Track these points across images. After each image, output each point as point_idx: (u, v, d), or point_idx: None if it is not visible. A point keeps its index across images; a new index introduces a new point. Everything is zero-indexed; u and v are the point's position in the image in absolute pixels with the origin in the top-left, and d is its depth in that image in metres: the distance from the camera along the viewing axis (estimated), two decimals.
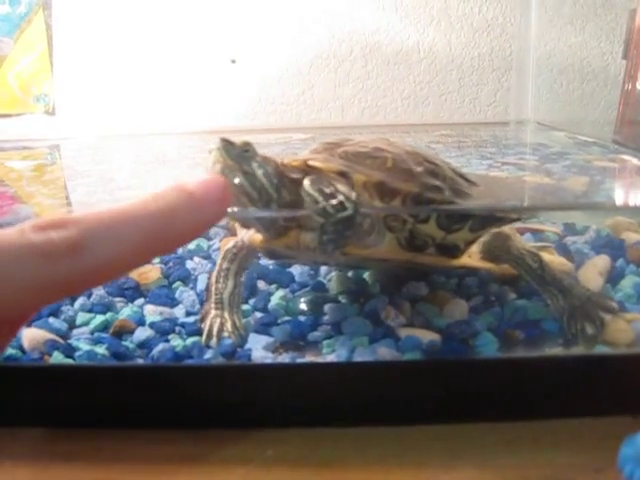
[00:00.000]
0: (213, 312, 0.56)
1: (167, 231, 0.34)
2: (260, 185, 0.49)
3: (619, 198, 0.60)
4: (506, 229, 0.58)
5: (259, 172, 0.49)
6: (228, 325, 0.55)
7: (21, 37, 1.11)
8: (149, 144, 1.01)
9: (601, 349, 0.53)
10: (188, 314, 0.59)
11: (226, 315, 0.56)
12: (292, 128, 1.07)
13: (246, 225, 0.56)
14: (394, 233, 0.53)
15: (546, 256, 0.62)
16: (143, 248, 0.33)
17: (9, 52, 1.12)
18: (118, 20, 1.08)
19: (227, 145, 0.48)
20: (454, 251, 0.56)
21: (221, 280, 0.57)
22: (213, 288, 0.57)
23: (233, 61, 1.09)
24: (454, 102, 1.09)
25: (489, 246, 0.59)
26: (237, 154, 0.48)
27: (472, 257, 0.59)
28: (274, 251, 0.55)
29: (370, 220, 0.51)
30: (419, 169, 0.53)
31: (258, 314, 0.58)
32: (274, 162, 0.51)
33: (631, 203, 0.59)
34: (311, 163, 0.51)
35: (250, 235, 0.56)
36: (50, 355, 0.52)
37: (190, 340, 0.54)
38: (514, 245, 0.59)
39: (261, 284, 0.63)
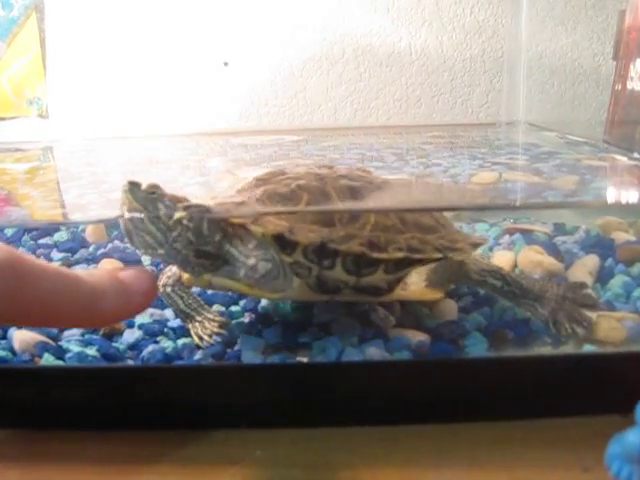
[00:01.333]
0: (190, 324, 0.57)
1: (94, 309, 0.36)
2: (165, 227, 0.50)
3: (607, 196, 0.60)
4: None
5: (164, 214, 0.50)
6: (207, 325, 0.55)
7: (14, 41, 1.11)
8: (142, 146, 1.01)
9: (589, 348, 0.53)
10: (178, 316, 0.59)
11: (199, 319, 0.56)
12: (285, 130, 1.07)
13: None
14: (302, 279, 0.53)
15: (534, 256, 0.63)
16: (70, 315, 0.36)
17: (2, 55, 1.12)
18: (111, 23, 1.08)
19: (133, 188, 0.49)
20: (377, 292, 0.55)
21: (170, 300, 0.58)
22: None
23: (225, 63, 1.09)
24: (446, 103, 1.09)
25: (443, 275, 0.59)
26: (143, 197, 0.49)
27: (412, 287, 0.58)
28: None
29: (272, 265, 0.52)
30: (339, 215, 0.53)
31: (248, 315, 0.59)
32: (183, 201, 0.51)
33: (615, 201, 0.59)
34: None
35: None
36: (40, 357, 0.52)
37: (180, 342, 0.54)
38: (472, 269, 0.59)
39: None
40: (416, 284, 0.58)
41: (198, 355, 0.52)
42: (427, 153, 0.81)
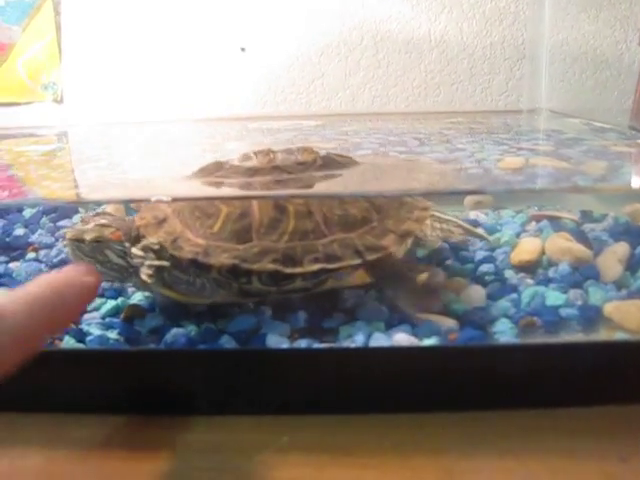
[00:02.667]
0: None
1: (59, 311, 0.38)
2: (119, 266, 0.54)
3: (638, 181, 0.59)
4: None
5: (114, 257, 0.53)
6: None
7: (30, 25, 1.10)
8: (158, 131, 1.00)
9: (623, 336, 0.52)
10: None
11: None
12: (302, 116, 1.06)
13: None
14: (225, 290, 0.54)
15: (563, 243, 0.62)
16: (44, 322, 0.37)
17: (17, 40, 1.11)
18: (127, 8, 1.07)
19: (77, 244, 0.52)
20: (304, 290, 0.55)
21: None
22: None
23: (243, 49, 1.08)
24: (465, 91, 1.08)
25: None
26: (89, 250, 0.52)
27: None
28: None
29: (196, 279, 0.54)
30: (257, 226, 0.53)
31: None
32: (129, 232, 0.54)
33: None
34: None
35: None
36: (61, 340, 0.52)
37: (203, 326, 0.53)
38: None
39: None
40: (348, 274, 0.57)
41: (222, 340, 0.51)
42: (449, 138, 0.80)
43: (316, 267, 0.53)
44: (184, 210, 0.54)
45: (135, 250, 0.53)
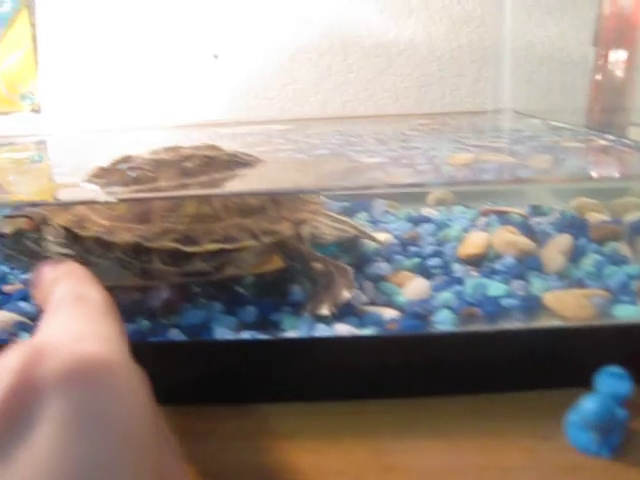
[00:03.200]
0: None
1: None
2: (37, 254, 0.55)
3: (579, 173, 0.61)
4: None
5: (32, 246, 0.55)
6: None
7: (5, 36, 1.12)
8: (131, 138, 1.02)
9: (555, 323, 0.54)
10: None
11: None
12: (275, 121, 1.08)
13: None
14: (128, 270, 0.56)
15: (508, 236, 0.64)
16: None
17: None
18: (101, 17, 1.09)
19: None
20: (205, 275, 0.57)
21: None
22: None
23: (215, 56, 1.10)
24: (435, 93, 1.10)
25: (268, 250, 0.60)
26: (11, 243, 0.55)
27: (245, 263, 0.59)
28: None
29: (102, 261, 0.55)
30: (158, 209, 0.55)
31: None
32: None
33: (585, 176, 0.59)
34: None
35: None
36: (18, 336, 0.53)
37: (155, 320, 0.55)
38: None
39: None
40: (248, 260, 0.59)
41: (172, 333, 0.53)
42: (409, 138, 0.82)
43: (214, 247, 0.55)
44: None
45: (44, 236, 0.55)
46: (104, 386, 0.26)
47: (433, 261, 0.64)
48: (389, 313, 0.55)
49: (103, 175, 0.58)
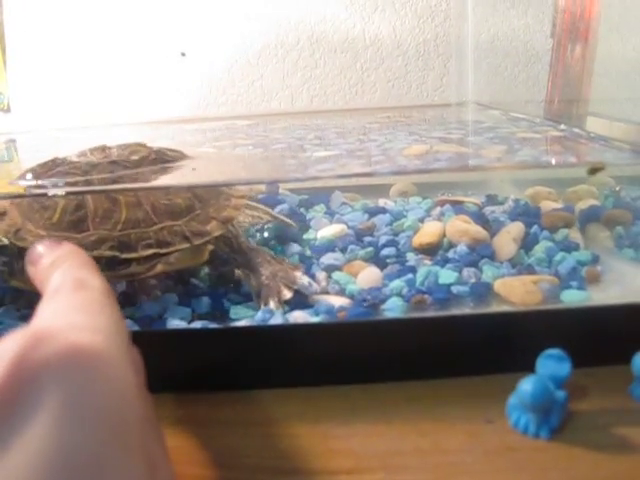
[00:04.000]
0: None
1: None
2: None
3: (529, 161, 0.62)
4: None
5: None
6: None
7: None
8: (99, 134, 1.03)
9: (504, 308, 0.55)
10: None
11: None
12: (244, 117, 1.08)
13: None
14: None
15: (461, 225, 0.65)
16: None
17: None
18: (70, 15, 1.10)
19: None
20: (137, 274, 0.58)
21: None
22: None
23: (183, 54, 1.10)
24: (401, 87, 1.11)
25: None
26: None
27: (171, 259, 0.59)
28: None
29: None
30: (92, 217, 0.56)
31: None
32: None
33: (533, 164, 0.60)
34: None
35: None
36: None
37: None
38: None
39: None
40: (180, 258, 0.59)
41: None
42: (369, 131, 0.83)
43: (150, 252, 0.56)
44: (22, 203, 0.57)
45: None
46: (97, 377, 0.26)
47: (387, 250, 0.64)
48: (340, 301, 0.56)
49: (35, 177, 0.59)
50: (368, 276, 0.60)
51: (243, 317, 0.54)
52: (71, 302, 0.33)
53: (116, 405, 0.26)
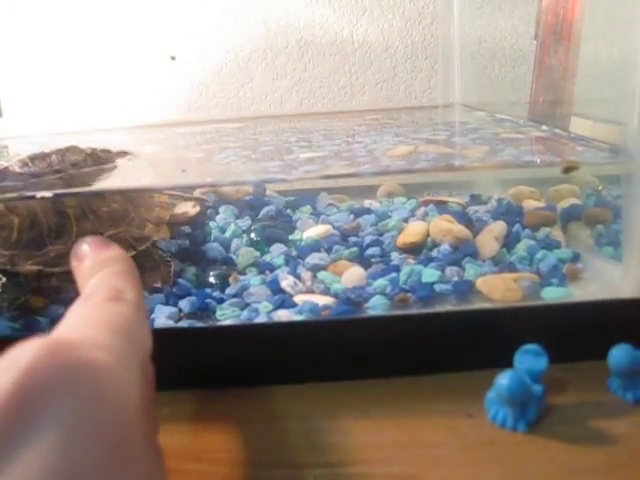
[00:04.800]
0: None
1: None
2: None
3: (509, 160, 0.63)
4: None
5: None
6: None
7: None
8: (91, 138, 1.03)
9: (484, 305, 0.56)
10: None
11: None
12: (233, 120, 1.09)
13: None
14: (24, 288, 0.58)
15: (444, 224, 0.66)
16: None
17: None
18: (60, 20, 1.11)
19: None
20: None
21: None
22: None
23: (173, 58, 1.11)
24: (390, 90, 1.12)
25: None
26: None
27: None
28: None
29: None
30: (47, 232, 0.58)
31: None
32: None
33: (513, 163, 0.61)
34: None
35: None
36: None
37: None
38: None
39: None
40: None
41: None
42: (356, 133, 0.84)
43: None
44: None
45: None
46: (102, 396, 0.26)
47: (372, 250, 0.65)
48: (324, 300, 0.57)
49: None
50: (352, 275, 0.61)
51: (229, 317, 0.55)
52: (98, 314, 0.33)
53: (118, 425, 0.27)
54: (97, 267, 0.37)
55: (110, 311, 0.33)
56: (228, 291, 0.60)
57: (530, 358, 0.47)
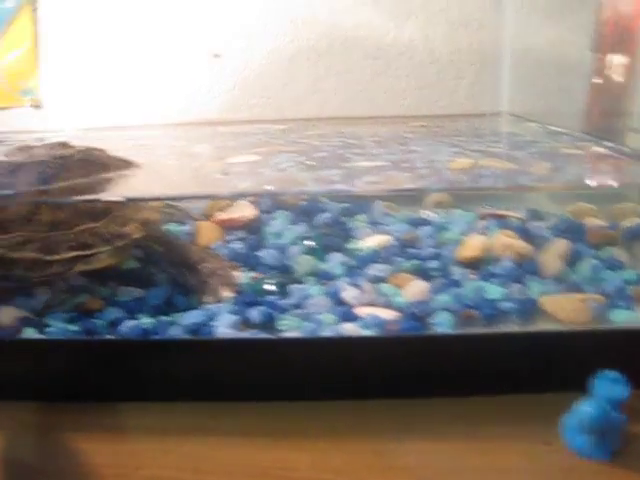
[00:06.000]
0: None
1: None
2: None
3: (578, 181, 0.61)
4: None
5: None
6: None
7: (8, 32, 1.13)
8: (133, 135, 1.03)
9: (554, 327, 0.55)
10: None
11: None
12: (274, 120, 1.08)
13: None
14: None
15: (505, 239, 0.64)
16: None
17: None
18: (104, 14, 1.10)
19: None
20: (58, 274, 0.59)
21: None
22: None
23: (217, 55, 1.10)
24: (433, 95, 1.10)
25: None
26: None
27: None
28: None
29: None
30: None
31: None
32: None
33: (585, 184, 0.60)
34: None
35: None
36: (22, 331, 0.54)
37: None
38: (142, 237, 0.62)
39: None
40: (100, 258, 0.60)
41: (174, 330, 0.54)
42: (408, 141, 0.83)
43: (72, 254, 0.57)
44: None
45: None
46: None
47: (432, 263, 0.64)
48: (388, 314, 0.56)
49: None
50: (415, 289, 0.60)
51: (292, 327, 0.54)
52: None
53: None
54: None
55: None
56: (288, 300, 0.58)
57: (609, 385, 0.46)
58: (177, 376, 0.51)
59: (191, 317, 0.55)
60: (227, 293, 0.58)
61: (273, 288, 0.60)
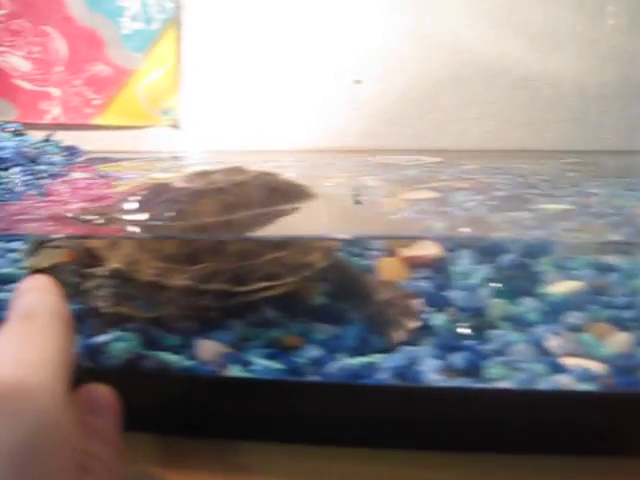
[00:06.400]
0: None
1: None
2: (71, 286, 0.55)
3: None
4: None
5: (69, 278, 0.55)
6: None
7: (152, 52, 1.15)
8: (272, 161, 1.03)
9: None
10: None
11: None
12: (412, 150, 1.07)
13: None
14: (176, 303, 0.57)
15: None
16: None
17: (138, 67, 1.16)
18: (246, 37, 1.11)
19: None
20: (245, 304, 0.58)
21: None
22: None
23: (357, 81, 1.11)
24: (577, 129, 1.09)
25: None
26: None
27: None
28: None
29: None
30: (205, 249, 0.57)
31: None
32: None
33: None
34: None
35: None
36: (226, 367, 0.54)
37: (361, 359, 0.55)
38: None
39: None
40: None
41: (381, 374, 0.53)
42: (576, 182, 0.81)
43: (261, 285, 0.56)
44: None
45: (94, 272, 0.56)
46: (7, 410, 0.27)
47: (627, 313, 0.62)
48: (596, 366, 0.54)
49: (143, 206, 0.60)
50: (617, 340, 0.58)
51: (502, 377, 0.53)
52: (8, 333, 0.33)
53: (38, 446, 0.26)
54: (18, 295, 0.37)
55: (21, 327, 0.33)
56: (488, 346, 0.57)
57: None
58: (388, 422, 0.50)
59: (394, 360, 0.54)
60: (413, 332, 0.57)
61: (469, 332, 0.59)
